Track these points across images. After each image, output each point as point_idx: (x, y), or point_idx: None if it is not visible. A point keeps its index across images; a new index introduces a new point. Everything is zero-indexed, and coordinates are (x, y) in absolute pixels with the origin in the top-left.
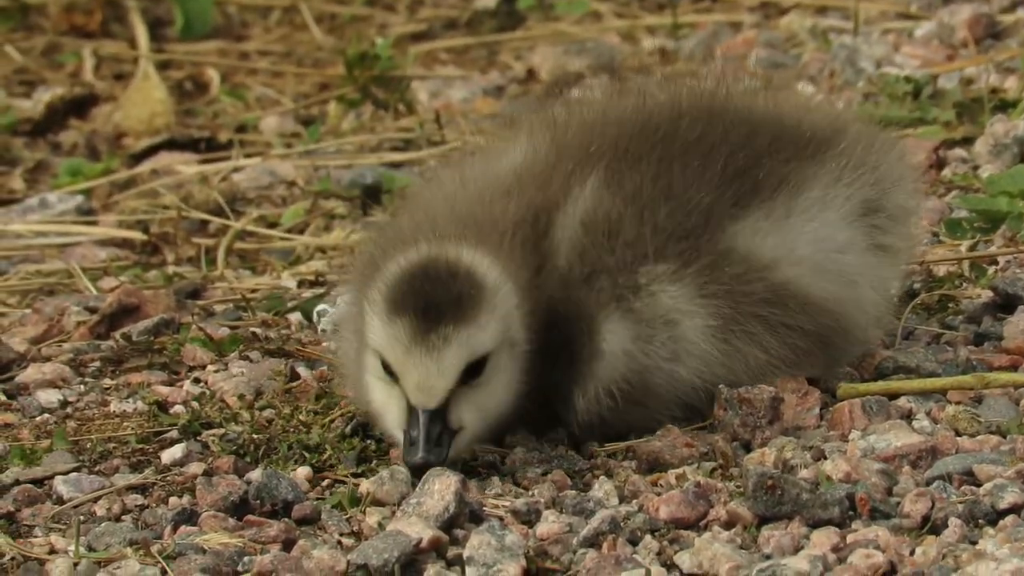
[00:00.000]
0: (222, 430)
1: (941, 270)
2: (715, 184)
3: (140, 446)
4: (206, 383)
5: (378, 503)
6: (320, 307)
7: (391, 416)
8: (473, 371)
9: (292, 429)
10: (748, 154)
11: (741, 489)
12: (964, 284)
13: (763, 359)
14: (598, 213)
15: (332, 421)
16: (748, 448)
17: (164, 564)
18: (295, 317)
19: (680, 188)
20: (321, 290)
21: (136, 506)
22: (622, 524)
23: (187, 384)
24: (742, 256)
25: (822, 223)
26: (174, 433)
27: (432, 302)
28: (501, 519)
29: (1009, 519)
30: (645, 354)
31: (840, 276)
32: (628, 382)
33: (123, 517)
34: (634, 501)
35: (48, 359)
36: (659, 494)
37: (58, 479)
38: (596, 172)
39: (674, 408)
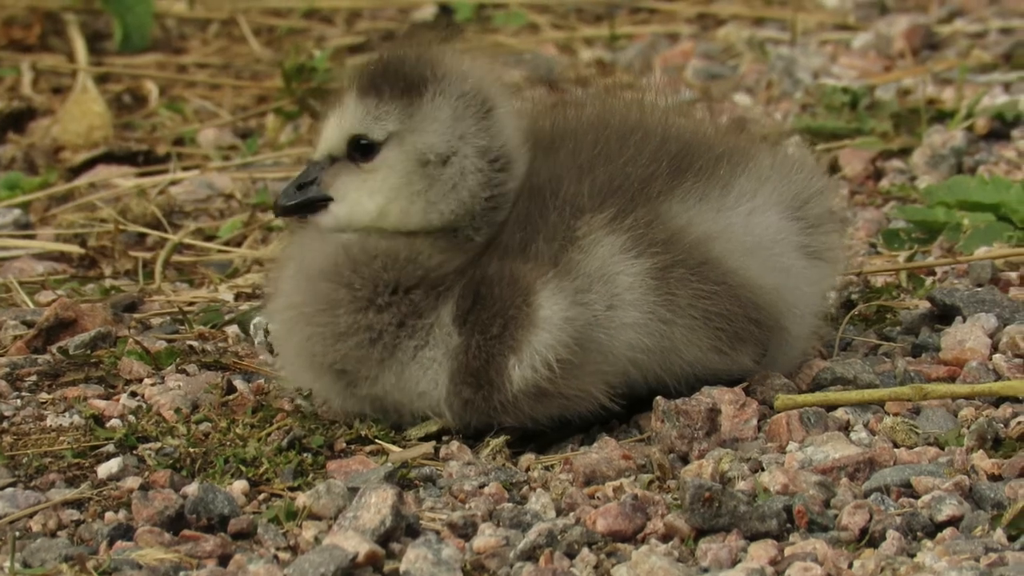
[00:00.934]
0: (158, 444)
1: (879, 281)
2: (650, 161)
3: (76, 460)
4: (143, 397)
5: (315, 517)
6: (257, 319)
7: None
8: (364, 150)
9: (229, 443)
10: (679, 143)
11: (678, 501)
12: (902, 295)
13: (695, 335)
14: (541, 177)
15: (269, 434)
16: (685, 460)
17: None
18: (232, 330)
19: (617, 157)
20: (258, 303)
21: (72, 521)
22: (559, 537)
23: (124, 398)
24: (677, 227)
25: (755, 210)
26: (110, 447)
27: (370, 72)
28: (438, 533)
29: (947, 531)
30: (582, 307)
31: (772, 264)
32: (566, 347)
33: (59, 532)
34: (571, 514)
35: None
36: (596, 507)
37: None
38: (536, 150)
39: (610, 379)
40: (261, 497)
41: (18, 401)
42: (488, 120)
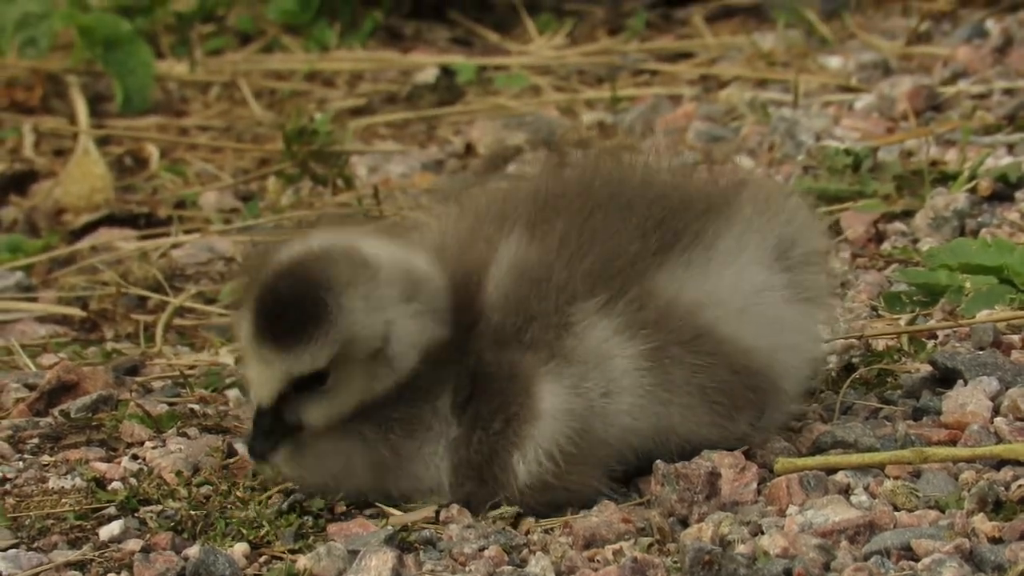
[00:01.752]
0: (160, 506)
1: (880, 344)
2: (636, 234)
3: (78, 523)
4: (144, 459)
5: None
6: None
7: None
8: (311, 381)
9: (230, 505)
10: (663, 208)
11: (678, 565)
12: (903, 358)
13: (692, 412)
14: (528, 262)
15: (269, 497)
16: (685, 523)
17: None
18: (233, 393)
19: (603, 236)
20: None
21: None
22: None
23: (125, 460)
24: (666, 300)
25: (740, 267)
26: (112, 510)
27: (265, 316)
28: None
29: None
30: (580, 397)
31: (762, 319)
32: (568, 439)
33: None
34: None
35: None
36: (596, 570)
37: None
38: (518, 229)
39: (612, 464)
40: (262, 559)
41: (20, 463)
42: (386, 299)
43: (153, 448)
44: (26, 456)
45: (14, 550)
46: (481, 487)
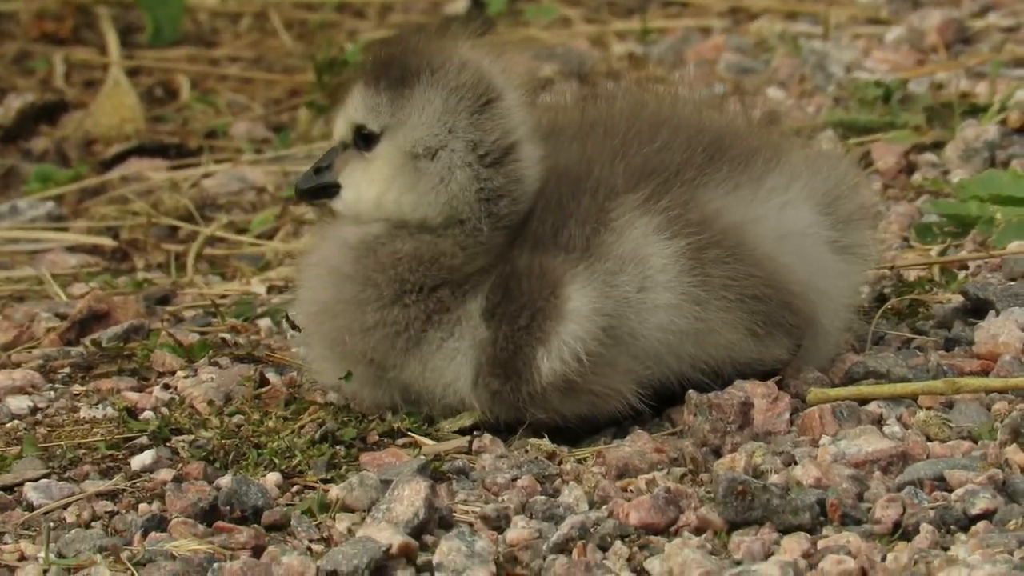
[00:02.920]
0: (191, 436)
1: (911, 275)
2: (684, 148)
3: (110, 452)
4: (176, 389)
5: (348, 509)
6: (289, 312)
7: None
8: (365, 140)
9: (262, 435)
10: (712, 136)
11: (711, 495)
12: (934, 289)
13: (729, 315)
14: (569, 164)
15: (302, 427)
16: (718, 454)
17: (134, 571)
18: (264, 323)
19: (650, 143)
20: (289, 296)
21: (106, 512)
22: (592, 530)
23: (156, 390)
24: (711, 211)
25: (787, 204)
26: (144, 439)
27: (372, 62)
28: (471, 525)
29: (981, 525)
30: (613, 292)
31: (804, 256)
32: (595, 339)
33: (93, 524)
34: (604, 507)
35: (18, 365)
36: (629, 500)
37: (28, 486)
38: (563, 140)
39: (641, 377)
40: (294, 489)
41: (51, 393)
42: (483, 114)
43: (185, 378)
44: (57, 386)
45: (45, 480)
46: (505, 384)
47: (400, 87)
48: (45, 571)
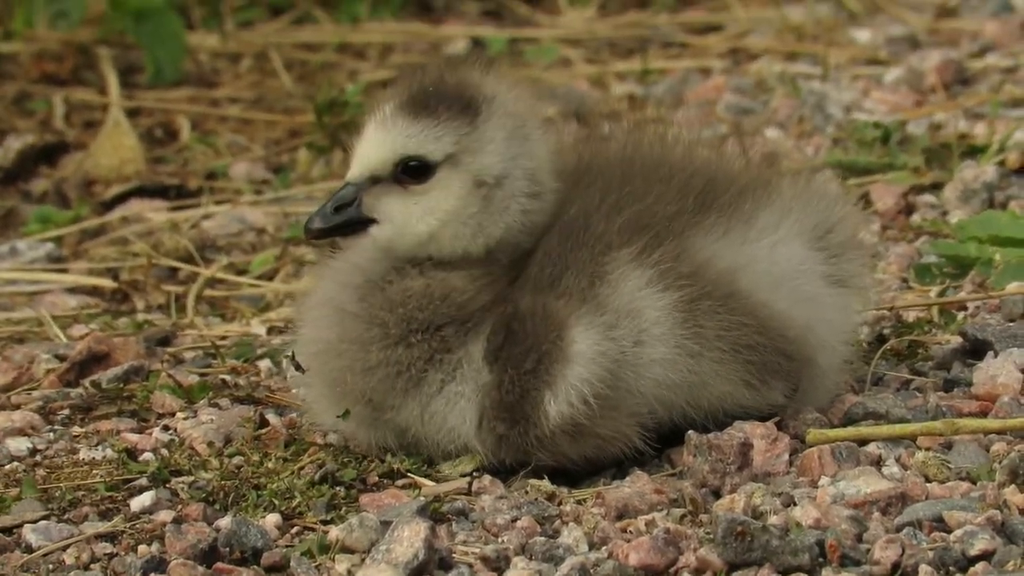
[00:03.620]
0: (191, 477)
1: (911, 316)
2: (677, 197)
3: (109, 494)
4: (175, 430)
5: (347, 550)
6: (289, 352)
7: None
8: (414, 172)
9: (261, 476)
10: (703, 179)
11: (711, 535)
12: (934, 330)
13: (723, 368)
14: (566, 215)
15: (301, 468)
16: (717, 494)
17: None
18: (264, 364)
19: (643, 195)
20: (290, 337)
21: (105, 554)
22: (591, 571)
23: (156, 431)
24: (702, 260)
25: (778, 242)
26: (143, 481)
27: (415, 87)
28: (470, 566)
29: (979, 566)
30: (612, 342)
31: (798, 295)
32: (601, 381)
33: (92, 565)
34: (603, 548)
35: (18, 407)
36: (628, 540)
37: (27, 527)
38: (565, 184)
39: (645, 417)
40: (294, 530)
41: (51, 435)
42: (530, 143)
43: (184, 419)
44: (57, 427)
45: (45, 521)
46: (512, 428)
47: (465, 115)
48: None
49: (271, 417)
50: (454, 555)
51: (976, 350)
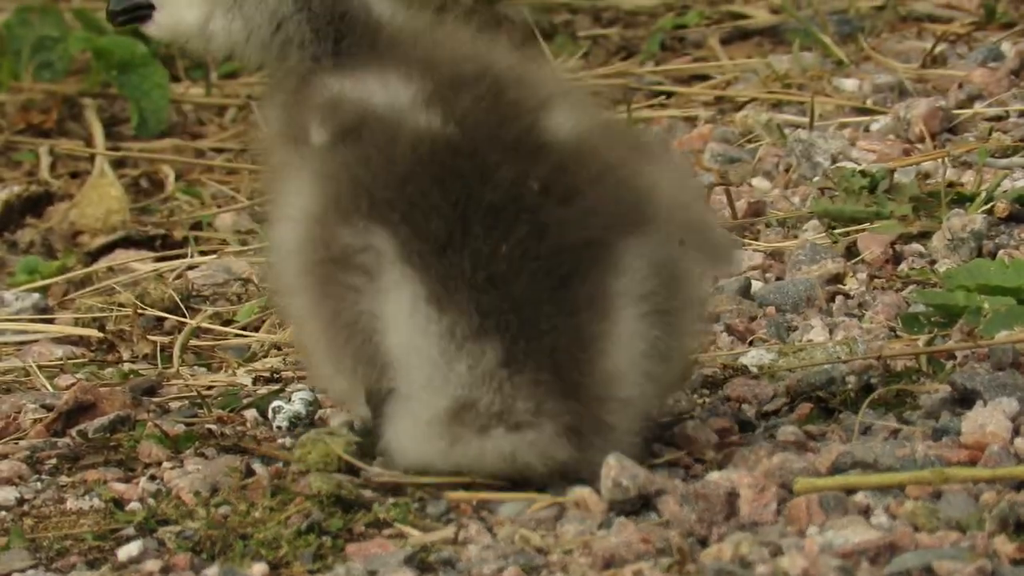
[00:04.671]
0: (178, 527)
1: (898, 365)
2: None
3: (97, 543)
4: (162, 480)
5: None
6: (275, 403)
7: None
8: None
9: (248, 526)
10: None
11: None
12: (922, 379)
13: None
14: None
15: (288, 517)
16: (705, 544)
17: None
18: (251, 414)
19: None
20: (276, 386)
21: None
22: None
23: (143, 481)
24: None
25: None
26: (130, 530)
27: None
28: None
29: None
30: None
31: None
32: None
33: None
34: None
35: (5, 456)
36: None
37: None
38: None
39: None
40: None
41: (38, 484)
42: None
43: (171, 468)
44: (44, 477)
45: (32, 571)
46: None
47: None
48: None
49: (257, 467)
50: None
51: (965, 399)
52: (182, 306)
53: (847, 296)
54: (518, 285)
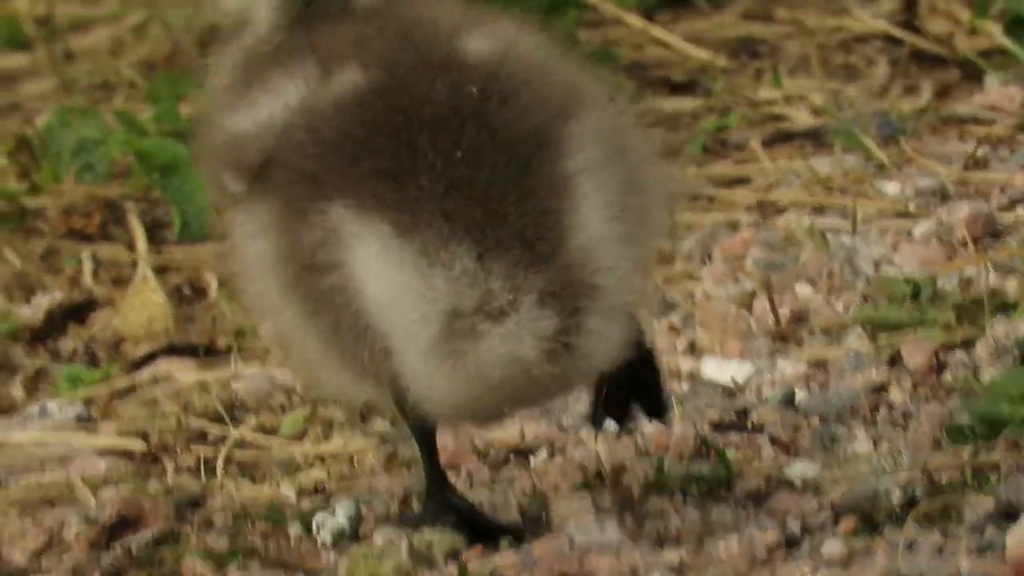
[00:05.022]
0: None
1: (943, 477)
2: None
3: None
4: None
5: None
6: (319, 517)
7: None
8: None
9: None
10: None
11: None
12: (967, 492)
13: None
14: None
15: None
16: None
17: None
18: (294, 529)
19: None
20: (319, 499)
21: None
22: None
23: None
24: None
25: None
26: None
27: None
28: None
29: None
30: None
31: None
32: None
33: None
34: None
35: (48, 572)
36: None
37: None
38: None
39: None
40: None
41: None
42: None
43: None
44: None
45: None
46: None
47: None
48: None
49: None
50: None
51: (1010, 513)
52: (226, 416)
53: (891, 406)
54: (479, 183)
